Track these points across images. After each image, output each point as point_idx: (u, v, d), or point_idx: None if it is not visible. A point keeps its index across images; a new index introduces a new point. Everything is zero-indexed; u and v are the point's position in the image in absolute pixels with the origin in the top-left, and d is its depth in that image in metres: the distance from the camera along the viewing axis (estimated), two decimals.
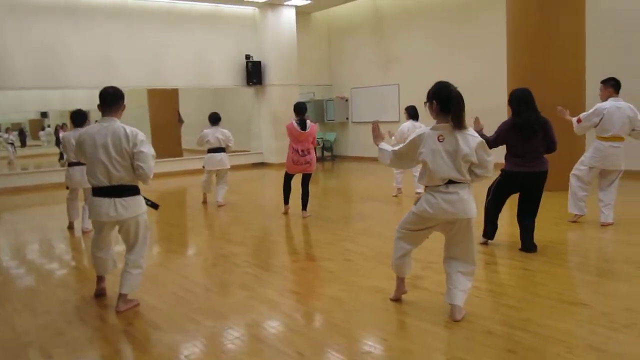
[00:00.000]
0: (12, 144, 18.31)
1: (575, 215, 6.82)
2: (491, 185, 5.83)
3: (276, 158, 15.14)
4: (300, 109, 7.70)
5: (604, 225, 6.57)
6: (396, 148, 3.91)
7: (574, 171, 6.80)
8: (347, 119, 16.98)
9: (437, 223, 3.85)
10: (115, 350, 3.64)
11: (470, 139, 3.67)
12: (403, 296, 4.26)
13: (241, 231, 7.33)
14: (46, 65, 12.48)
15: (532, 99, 5.44)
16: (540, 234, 6.07)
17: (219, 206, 9.10)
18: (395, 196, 9.30)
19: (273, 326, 3.89)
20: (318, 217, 7.89)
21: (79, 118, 7.14)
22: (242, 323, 3.95)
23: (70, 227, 7.67)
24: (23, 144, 22.63)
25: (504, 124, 5.53)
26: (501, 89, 9.79)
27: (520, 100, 5.43)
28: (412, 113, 8.98)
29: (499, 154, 5.93)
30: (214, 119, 9.20)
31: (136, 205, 4.21)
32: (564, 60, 8.83)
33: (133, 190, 4.21)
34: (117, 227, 4.35)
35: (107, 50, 13.31)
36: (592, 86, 9.28)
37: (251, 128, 16.76)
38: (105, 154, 4.05)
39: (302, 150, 7.65)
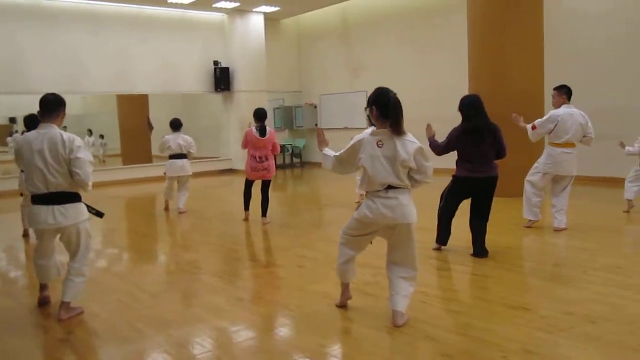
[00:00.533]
0: None
1: (530, 220, 6.91)
2: (443, 191, 5.88)
3: (244, 165, 15.06)
4: (260, 115, 7.68)
5: (557, 230, 6.67)
6: (338, 153, 3.92)
7: (528, 177, 6.90)
8: (315, 125, 17.00)
9: (378, 228, 3.86)
10: (52, 359, 3.56)
11: (408, 145, 3.69)
12: (349, 302, 4.25)
13: (199, 238, 7.27)
14: (12, 69, 12.29)
15: (482, 104, 5.52)
16: (494, 239, 6.15)
17: (180, 213, 9.01)
18: (358, 202, 9.29)
19: (213, 335, 3.85)
20: (278, 223, 7.87)
21: (32, 123, 7.01)
22: (183, 331, 3.90)
23: (25, 234, 7.52)
24: None
25: (454, 130, 5.59)
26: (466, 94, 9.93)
27: (469, 106, 5.51)
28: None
29: (449, 159, 6.03)
30: (176, 125, 9.13)
31: (76, 213, 4.14)
32: (524, 68, 8.98)
33: (73, 197, 4.13)
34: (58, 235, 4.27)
35: (74, 55, 13.16)
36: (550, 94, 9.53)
37: (220, 134, 16.69)
38: (41, 160, 3.98)
39: (260, 157, 7.64)
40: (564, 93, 6.58)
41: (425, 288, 4.65)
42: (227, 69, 15.43)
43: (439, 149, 5.67)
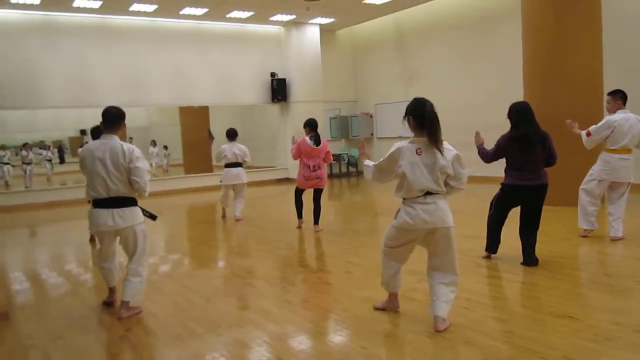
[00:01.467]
0: (49, 160, 19.03)
1: (585, 230, 6.74)
2: (492, 200, 5.86)
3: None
4: (313, 125, 7.86)
5: (613, 239, 6.49)
6: (377, 162, 4.03)
7: (582, 185, 6.73)
8: (371, 134, 17.09)
9: (418, 235, 3.94)
10: (110, 354, 3.83)
11: (446, 152, 3.77)
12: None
13: (253, 245, 7.52)
14: (82, 84, 13.06)
15: (531, 112, 5.47)
16: (546, 248, 6.09)
17: (237, 220, 9.31)
18: None
19: (261, 336, 4.02)
20: (330, 231, 8.01)
21: (98, 134, 7.47)
22: (231, 331, 4.10)
23: (92, 239, 7.98)
24: (62, 160, 23.50)
25: (503, 137, 5.57)
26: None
27: (518, 113, 5.46)
28: None
29: (497, 167, 6.00)
30: (231, 135, 9.44)
31: (132, 215, 4.46)
32: (581, 66, 8.76)
33: (130, 202, 4.46)
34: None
35: (137, 70, 13.86)
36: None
37: (276, 144, 17.05)
38: (103, 168, 4.31)
39: (314, 166, 7.80)
40: (619, 98, 6.42)
41: (470, 295, 4.66)
42: (283, 80, 15.78)
43: (487, 157, 5.67)
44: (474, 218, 7.68)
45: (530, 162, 5.44)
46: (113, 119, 4.47)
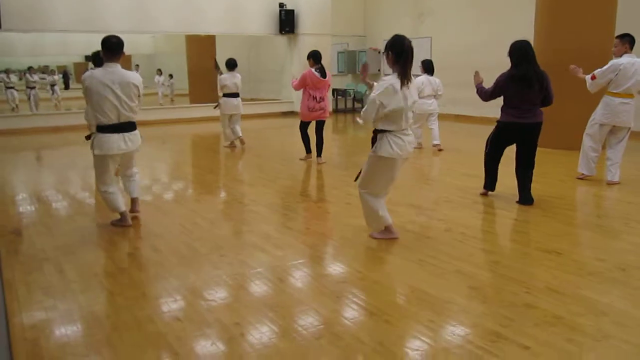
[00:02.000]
0: (53, 85, 18.95)
1: (583, 174, 6.87)
2: (488, 138, 5.95)
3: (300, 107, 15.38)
4: (317, 57, 7.91)
5: (610, 183, 6.62)
6: (373, 99, 4.13)
7: (587, 130, 6.78)
8: (379, 70, 16.95)
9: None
10: (119, 268, 4.06)
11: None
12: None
13: (256, 174, 7.69)
14: (87, 9, 12.87)
15: (532, 51, 5.50)
16: (543, 189, 6.26)
17: (242, 142, 9.63)
18: (417, 147, 9.43)
19: (260, 256, 4.24)
20: (333, 164, 8.16)
21: (98, 60, 7.52)
22: (233, 252, 4.32)
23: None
24: (67, 86, 23.43)
25: (502, 76, 5.60)
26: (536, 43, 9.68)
27: (519, 52, 5.48)
28: (427, 67, 9.03)
29: (494, 108, 6.07)
30: (231, 65, 9.51)
31: (138, 139, 4.89)
32: (594, 4, 8.65)
33: (135, 126, 4.81)
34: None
35: None
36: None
37: (283, 77, 16.95)
38: (113, 95, 4.53)
39: (320, 97, 7.90)
40: (627, 42, 6.38)
41: (465, 229, 4.86)
42: (292, 11, 15.51)
43: (486, 95, 5.73)
44: (471, 157, 7.84)
45: (527, 101, 5.50)
46: (115, 48, 4.62)
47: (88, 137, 5.15)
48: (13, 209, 5.91)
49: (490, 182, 6.01)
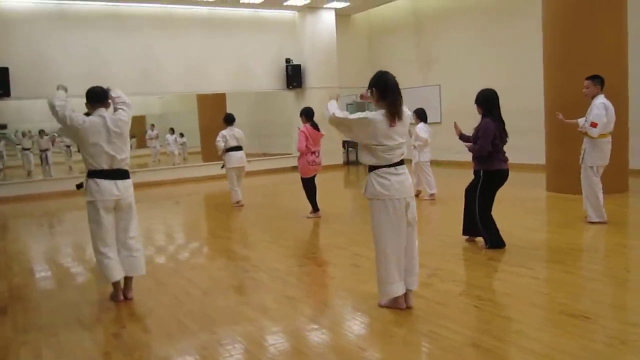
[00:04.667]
0: (69, 146, 19.05)
1: (595, 221, 6.57)
2: (470, 190, 5.77)
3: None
4: (310, 114, 8.02)
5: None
6: (346, 116, 4.06)
7: (589, 179, 6.61)
8: None
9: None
10: (102, 352, 3.71)
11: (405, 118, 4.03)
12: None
13: (259, 235, 7.38)
14: (92, 74, 12.91)
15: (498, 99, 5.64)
16: (560, 239, 5.91)
17: (241, 205, 9.41)
18: (428, 199, 9.09)
19: (253, 332, 3.87)
20: (340, 221, 7.83)
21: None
22: (226, 329, 3.96)
23: None
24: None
25: (490, 124, 5.53)
26: (542, 89, 9.44)
27: (492, 100, 5.60)
28: (421, 115, 8.88)
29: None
30: (230, 120, 9.49)
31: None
32: (605, 49, 8.38)
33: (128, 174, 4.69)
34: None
35: (150, 58, 13.72)
36: (636, 75, 8.90)
37: (292, 131, 16.86)
38: (107, 141, 4.51)
39: (318, 152, 7.94)
40: (599, 83, 6.50)
41: (481, 291, 4.48)
42: (298, 66, 15.55)
43: (486, 147, 5.52)
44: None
45: (501, 146, 5.62)
46: (101, 95, 4.69)
47: (79, 186, 4.85)
48: (5, 283, 5.63)
49: (497, 237, 5.65)
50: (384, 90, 3.89)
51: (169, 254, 6.71)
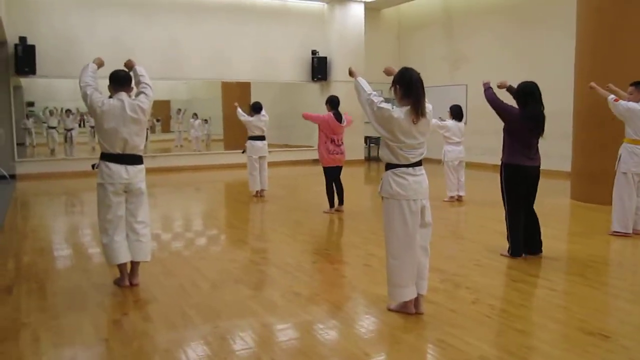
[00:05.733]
0: (93, 127, 19.18)
1: (620, 232, 6.36)
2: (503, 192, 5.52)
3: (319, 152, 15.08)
4: (335, 103, 7.83)
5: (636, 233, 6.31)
6: (376, 101, 3.91)
7: (617, 184, 6.42)
8: None
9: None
10: (100, 339, 3.64)
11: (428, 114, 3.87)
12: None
13: (276, 227, 7.27)
14: (120, 56, 12.87)
15: (540, 92, 5.31)
16: (584, 250, 5.72)
17: (261, 197, 9.31)
18: (447, 201, 8.88)
19: (258, 329, 3.76)
20: (357, 218, 7.68)
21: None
22: (230, 324, 3.86)
23: None
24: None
25: (514, 109, 5.36)
26: (569, 93, 9.16)
27: (527, 92, 5.29)
28: (456, 112, 8.72)
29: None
30: (257, 108, 9.38)
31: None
32: (636, 61, 8.07)
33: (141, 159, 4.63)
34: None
35: (175, 43, 13.69)
36: None
37: (315, 124, 16.71)
38: (123, 125, 4.44)
39: (339, 140, 7.73)
40: None
41: (495, 301, 4.30)
42: (324, 58, 15.38)
43: (491, 99, 5.49)
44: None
45: (535, 144, 5.37)
46: (123, 80, 4.62)
47: (94, 166, 4.73)
48: (14, 262, 5.63)
49: (519, 246, 5.44)
50: (408, 87, 3.76)
51: (181, 242, 6.64)
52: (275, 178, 11.38)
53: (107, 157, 4.48)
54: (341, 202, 7.98)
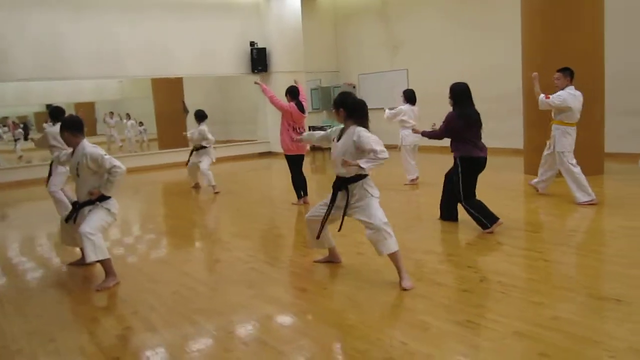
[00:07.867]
0: (18, 139, 18.03)
1: (586, 202, 6.62)
2: (450, 176, 5.87)
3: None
4: (295, 93, 7.76)
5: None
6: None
7: (569, 161, 6.76)
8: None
9: None
10: (110, 358, 3.34)
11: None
12: (421, 292, 3.97)
13: (246, 223, 7.03)
14: (48, 56, 12.14)
15: (470, 92, 5.65)
16: (560, 222, 5.80)
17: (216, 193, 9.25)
18: (408, 184, 8.93)
19: (280, 329, 3.59)
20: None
21: (56, 113, 7.13)
22: (245, 325, 3.66)
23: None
24: (26, 137, 22.39)
25: (452, 115, 5.63)
26: (516, 73, 9.39)
27: (461, 93, 5.60)
28: (409, 96, 8.72)
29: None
30: (201, 116, 9.51)
31: None
32: (582, 39, 8.38)
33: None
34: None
35: (109, 40, 12.96)
36: (613, 62, 8.92)
37: (257, 117, 16.44)
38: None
39: (300, 128, 7.65)
40: (569, 75, 6.69)
41: (500, 276, 4.31)
42: (264, 49, 15.09)
43: (439, 136, 5.87)
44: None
45: (479, 135, 5.71)
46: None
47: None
48: None
49: (490, 213, 5.60)
50: (352, 110, 4.29)
51: (153, 246, 6.28)
52: (223, 174, 11.07)
53: None
54: (305, 193, 7.86)
